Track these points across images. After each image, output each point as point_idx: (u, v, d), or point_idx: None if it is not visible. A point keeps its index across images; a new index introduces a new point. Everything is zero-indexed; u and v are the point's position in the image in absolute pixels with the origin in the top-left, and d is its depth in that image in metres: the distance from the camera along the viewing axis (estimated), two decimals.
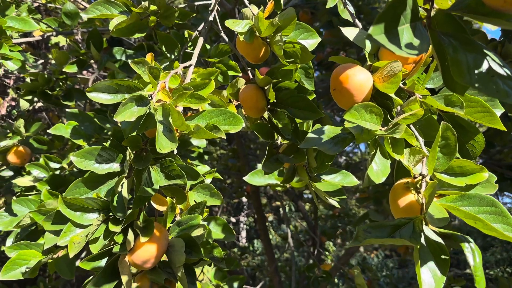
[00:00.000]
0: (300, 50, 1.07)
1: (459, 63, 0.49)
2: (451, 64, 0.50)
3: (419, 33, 0.50)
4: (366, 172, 0.70)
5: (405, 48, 0.47)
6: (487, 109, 0.75)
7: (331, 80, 0.86)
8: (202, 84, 0.96)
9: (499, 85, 0.49)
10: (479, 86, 0.48)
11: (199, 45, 1.20)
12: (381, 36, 0.46)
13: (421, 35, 0.50)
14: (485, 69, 0.49)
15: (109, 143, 0.91)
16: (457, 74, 0.49)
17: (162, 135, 0.79)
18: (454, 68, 0.49)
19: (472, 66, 0.49)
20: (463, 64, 0.49)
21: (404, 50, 0.47)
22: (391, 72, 0.77)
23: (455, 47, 0.51)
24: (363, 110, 0.75)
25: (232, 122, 0.91)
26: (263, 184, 1.28)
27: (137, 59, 0.85)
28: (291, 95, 1.09)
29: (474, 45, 0.50)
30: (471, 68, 0.49)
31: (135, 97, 0.83)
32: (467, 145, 0.89)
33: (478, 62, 0.49)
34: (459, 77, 0.49)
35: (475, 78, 0.48)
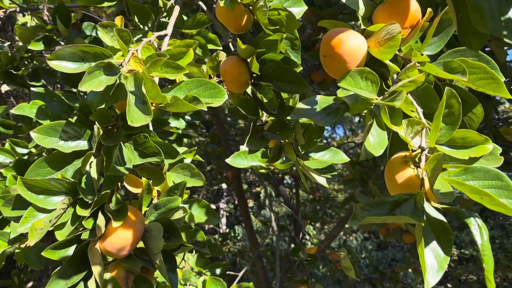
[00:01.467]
0: (285, 18, 0.99)
1: (481, 9, 0.42)
2: (471, 11, 0.43)
3: None
4: (363, 144, 0.64)
5: None
6: (492, 75, 0.69)
7: (321, 46, 0.78)
8: (178, 53, 0.87)
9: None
10: (506, 34, 0.41)
11: (174, 14, 1.10)
12: None
13: None
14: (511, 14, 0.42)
15: (76, 119, 0.82)
16: (479, 22, 0.42)
17: (134, 107, 0.70)
18: (475, 15, 0.42)
19: (497, 12, 0.42)
20: (485, 10, 0.42)
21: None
22: (389, 35, 0.70)
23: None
24: (358, 76, 0.68)
25: (214, 94, 0.83)
26: (246, 166, 1.20)
27: (105, 22, 0.75)
28: (276, 68, 1.01)
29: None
30: (495, 14, 0.42)
31: (103, 65, 0.74)
32: (464, 117, 0.83)
33: (503, 7, 0.42)
34: (481, 25, 0.42)
35: (501, 25, 0.41)
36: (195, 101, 0.77)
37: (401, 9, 0.77)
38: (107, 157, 0.74)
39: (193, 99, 0.77)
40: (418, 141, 0.71)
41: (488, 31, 0.42)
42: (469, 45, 0.48)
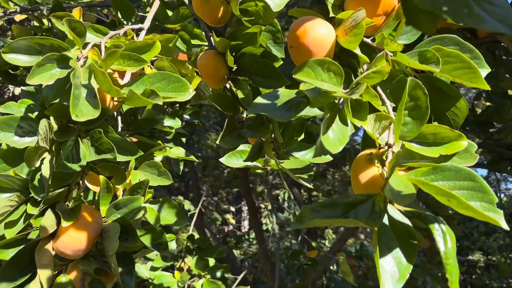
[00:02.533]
0: (262, 9, 0.94)
1: None
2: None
3: None
4: (318, 139, 0.58)
5: None
6: (468, 64, 0.62)
7: (288, 37, 0.73)
8: (144, 46, 0.84)
9: (472, 8, 0.36)
10: (447, 10, 0.35)
11: (154, 7, 1.07)
12: None
13: None
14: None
15: (36, 115, 0.79)
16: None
17: (83, 101, 0.67)
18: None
19: None
20: None
21: None
22: (354, 22, 0.64)
23: None
24: (318, 67, 0.62)
25: (177, 88, 0.78)
26: (241, 166, 1.16)
27: (59, 13, 0.72)
28: (254, 62, 0.96)
29: None
30: None
31: (55, 57, 0.70)
32: (448, 112, 0.76)
33: None
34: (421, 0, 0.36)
35: None
36: (152, 96, 0.73)
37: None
38: (57, 153, 0.70)
39: (151, 93, 0.73)
40: (386, 136, 0.65)
41: (427, 6, 0.36)
42: (419, 27, 0.42)
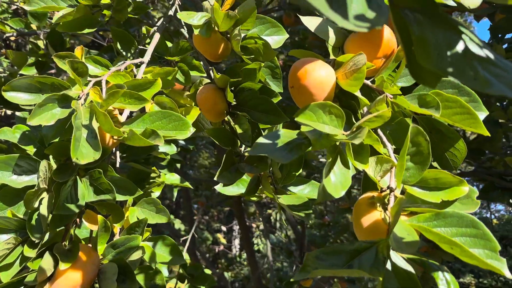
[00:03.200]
0: (262, 47, 0.95)
1: (426, 42, 0.37)
2: (416, 44, 0.38)
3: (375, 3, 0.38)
4: (321, 183, 0.58)
5: (353, 19, 0.35)
6: (468, 110, 0.63)
7: (289, 77, 0.74)
8: (145, 83, 0.84)
9: (478, 71, 0.37)
10: (452, 71, 0.36)
11: (154, 41, 1.08)
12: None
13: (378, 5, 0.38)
14: (460, 50, 0.37)
15: (35, 151, 0.79)
16: (423, 57, 0.37)
17: (84, 142, 0.66)
18: (419, 49, 0.37)
19: (444, 46, 0.37)
20: (430, 43, 0.37)
21: (352, 22, 0.35)
22: (355, 67, 0.65)
23: (421, 23, 0.39)
24: (320, 110, 0.63)
25: (178, 127, 0.78)
26: (236, 194, 1.15)
27: (62, 52, 0.73)
28: (253, 97, 0.97)
29: (446, 21, 0.39)
30: (441, 49, 0.37)
31: (57, 97, 0.70)
32: (447, 153, 0.77)
33: (451, 41, 0.37)
34: (426, 60, 0.37)
35: (447, 61, 0.36)
36: (153, 136, 0.73)
37: (374, 38, 0.72)
38: (56, 193, 0.70)
39: (152, 133, 0.73)
40: (388, 180, 0.65)
41: (432, 67, 0.37)
42: (423, 82, 0.43)
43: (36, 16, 1.73)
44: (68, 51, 0.73)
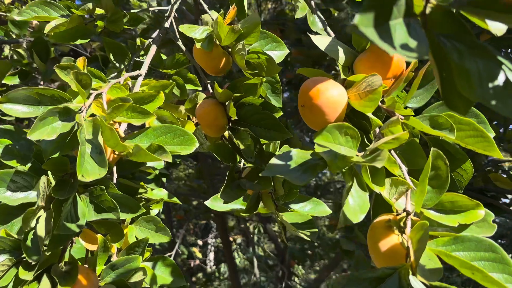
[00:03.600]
0: (265, 62, 0.94)
1: (468, 73, 0.36)
2: (457, 74, 0.37)
3: (414, 32, 0.38)
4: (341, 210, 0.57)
5: (400, 49, 0.34)
6: (481, 133, 0.63)
7: (299, 95, 0.73)
8: (148, 96, 0.81)
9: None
10: (496, 104, 0.35)
11: (151, 54, 1.05)
12: (370, 29, 0.33)
13: (417, 34, 0.37)
14: (501, 81, 0.37)
15: (29, 166, 0.75)
16: (465, 87, 0.36)
17: (88, 158, 0.63)
18: (461, 79, 0.37)
19: (485, 76, 0.36)
20: (473, 73, 0.36)
21: (400, 51, 0.34)
22: (369, 88, 0.65)
23: (460, 52, 0.38)
24: (336, 131, 0.62)
25: (183, 142, 0.76)
26: (226, 210, 1.12)
27: (64, 63, 0.69)
28: (255, 112, 0.95)
29: (484, 50, 0.38)
30: (483, 79, 0.36)
31: (58, 110, 0.67)
32: (453, 173, 0.77)
33: (492, 72, 0.37)
34: (468, 90, 0.36)
35: (490, 92, 0.36)
36: (159, 151, 0.70)
37: (384, 59, 0.72)
38: (56, 212, 0.66)
39: (158, 148, 0.70)
40: (403, 202, 0.64)
41: (475, 98, 0.36)
42: (455, 109, 0.42)
43: (17, 24, 1.68)
44: (55, 59, 0.69)
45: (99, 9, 1.08)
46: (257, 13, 0.90)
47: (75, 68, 0.70)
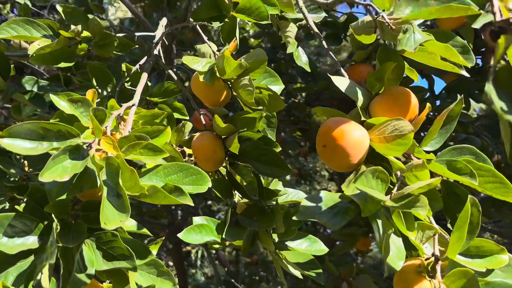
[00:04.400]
0: (268, 97, 0.93)
1: None
2: None
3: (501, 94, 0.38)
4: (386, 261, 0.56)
5: None
6: (501, 179, 0.66)
7: (320, 136, 0.72)
8: (154, 131, 0.77)
9: None
10: None
11: (142, 82, 0.99)
12: None
13: None
14: None
15: (24, 207, 0.66)
16: None
17: (107, 203, 0.57)
18: None
19: None
20: None
21: None
22: (398, 132, 0.66)
23: None
24: (370, 175, 0.61)
25: (196, 181, 0.72)
26: (200, 242, 1.08)
27: (76, 96, 0.64)
28: (255, 147, 0.93)
29: None
30: None
31: (70, 148, 0.61)
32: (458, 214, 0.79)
33: None
34: None
35: None
36: (177, 192, 0.66)
37: (402, 103, 0.74)
38: (64, 261, 0.59)
39: (175, 189, 0.66)
40: (429, 247, 0.65)
41: None
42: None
43: None
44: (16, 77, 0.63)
45: (86, 32, 1.01)
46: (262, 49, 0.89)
47: (86, 102, 0.65)
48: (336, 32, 1.66)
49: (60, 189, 0.63)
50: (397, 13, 0.75)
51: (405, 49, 0.65)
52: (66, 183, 0.63)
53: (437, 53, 0.71)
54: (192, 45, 2.44)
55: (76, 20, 1.01)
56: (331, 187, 7.44)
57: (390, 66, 0.74)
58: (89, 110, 0.65)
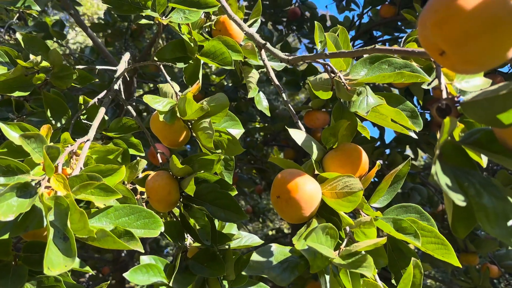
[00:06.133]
0: (227, 141, 0.94)
1: (486, 210, 0.41)
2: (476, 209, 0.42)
3: None
4: None
5: None
6: (442, 241, 0.70)
7: (274, 186, 0.74)
8: (108, 170, 0.75)
9: None
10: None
11: (99, 117, 0.98)
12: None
13: None
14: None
15: None
16: (484, 222, 0.41)
17: (53, 246, 0.55)
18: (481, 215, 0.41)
19: (501, 215, 0.41)
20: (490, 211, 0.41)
21: None
22: (348, 189, 0.68)
23: (477, 190, 0.43)
24: (320, 231, 0.63)
25: (148, 225, 0.70)
26: (147, 283, 1.04)
27: (30, 132, 0.62)
28: (211, 190, 0.93)
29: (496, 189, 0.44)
30: (500, 218, 0.41)
31: (18, 185, 0.58)
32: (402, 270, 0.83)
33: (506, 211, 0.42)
34: (488, 226, 0.41)
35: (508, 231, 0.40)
36: (127, 236, 0.64)
37: (354, 159, 0.77)
38: None
39: (125, 233, 0.64)
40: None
41: (495, 235, 0.41)
42: (456, 233, 0.47)
43: None
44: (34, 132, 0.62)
45: (45, 62, 1.00)
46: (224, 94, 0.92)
47: (40, 138, 0.63)
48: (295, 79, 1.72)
49: (3, 228, 0.59)
50: (353, 74, 0.80)
51: (358, 111, 0.69)
52: (10, 222, 0.60)
53: (388, 116, 0.75)
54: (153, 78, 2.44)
55: (36, 49, 0.99)
56: (284, 225, 7.46)
57: (344, 124, 0.78)
58: (42, 147, 0.63)
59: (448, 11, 0.36)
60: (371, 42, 2.61)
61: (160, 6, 0.94)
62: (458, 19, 0.35)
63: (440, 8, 0.37)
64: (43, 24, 2.42)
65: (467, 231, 0.48)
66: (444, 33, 0.37)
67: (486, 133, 0.47)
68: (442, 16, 0.36)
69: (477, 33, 0.35)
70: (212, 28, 1.24)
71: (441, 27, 0.37)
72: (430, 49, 0.40)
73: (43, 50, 1.02)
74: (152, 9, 0.95)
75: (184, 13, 0.98)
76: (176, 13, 0.98)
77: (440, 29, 0.37)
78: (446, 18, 0.36)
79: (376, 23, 2.43)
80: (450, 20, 0.36)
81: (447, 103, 0.46)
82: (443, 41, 0.37)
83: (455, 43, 0.36)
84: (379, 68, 0.76)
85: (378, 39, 2.55)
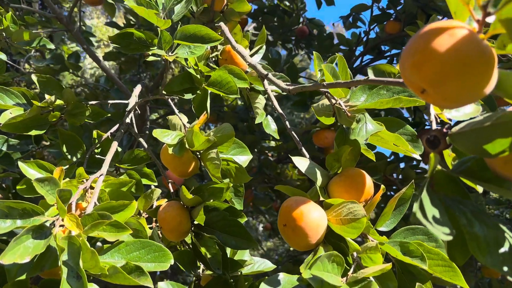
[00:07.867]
0: (235, 169, 0.97)
1: (478, 239, 0.42)
2: (468, 238, 0.43)
3: None
4: None
5: None
6: (449, 263, 0.70)
7: (281, 214, 0.75)
8: (119, 206, 0.78)
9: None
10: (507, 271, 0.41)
11: (112, 151, 1.02)
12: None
13: None
14: (507, 247, 0.43)
15: None
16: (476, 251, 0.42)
17: (66, 285, 0.58)
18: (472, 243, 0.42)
19: (493, 243, 0.42)
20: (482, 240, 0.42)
21: None
22: (352, 216, 0.70)
23: (469, 219, 0.44)
24: (326, 260, 0.64)
25: (158, 258, 0.73)
26: None
27: (42, 177, 0.65)
28: (221, 218, 0.95)
29: (488, 217, 0.44)
30: (491, 246, 0.42)
31: (34, 228, 0.61)
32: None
33: (498, 239, 0.43)
34: (480, 255, 0.41)
35: (500, 259, 0.41)
36: (137, 272, 0.66)
37: (358, 184, 0.78)
38: None
39: (135, 268, 0.67)
40: None
41: (487, 264, 0.42)
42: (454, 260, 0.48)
43: None
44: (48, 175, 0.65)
45: (60, 100, 1.04)
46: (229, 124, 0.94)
47: (53, 181, 0.66)
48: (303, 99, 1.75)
49: (20, 269, 0.63)
50: (353, 100, 0.82)
51: (357, 139, 0.71)
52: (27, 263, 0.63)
53: (389, 140, 0.77)
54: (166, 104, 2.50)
55: (51, 89, 1.04)
56: None
57: (347, 149, 0.80)
58: (55, 189, 0.66)
59: (424, 54, 0.38)
60: (380, 57, 2.63)
61: (166, 43, 0.98)
62: (433, 62, 0.37)
63: (416, 52, 0.38)
64: (59, 56, 2.52)
65: (465, 258, 0.49)
66: (422, 75, 0.38)
67: (477, 161, 0.48)
68: (418, 59, 0.38)
69: (452, 74, 0.36)
70: (219, 57, 1.28)
71: (419, 69, 0.38)
72: (412, 87, 0.42)
73: (57, 90, 1.06)
74: (158, 46, 0.99)
75: (190, 48, 1.02)
76: (181, 49, 1.02)
77: (418, 71, 0.39)
78: (422, 61, 0.38)
79: (383, 39, 2.45)
80: (426, 63, 0.38)
81: (436, 134, 0.47)
82: (422, 82, 0.39)
83: (433, 83, 0.38)
84: (378, 93, 0.78)
85: (386, 53, 2.56)
